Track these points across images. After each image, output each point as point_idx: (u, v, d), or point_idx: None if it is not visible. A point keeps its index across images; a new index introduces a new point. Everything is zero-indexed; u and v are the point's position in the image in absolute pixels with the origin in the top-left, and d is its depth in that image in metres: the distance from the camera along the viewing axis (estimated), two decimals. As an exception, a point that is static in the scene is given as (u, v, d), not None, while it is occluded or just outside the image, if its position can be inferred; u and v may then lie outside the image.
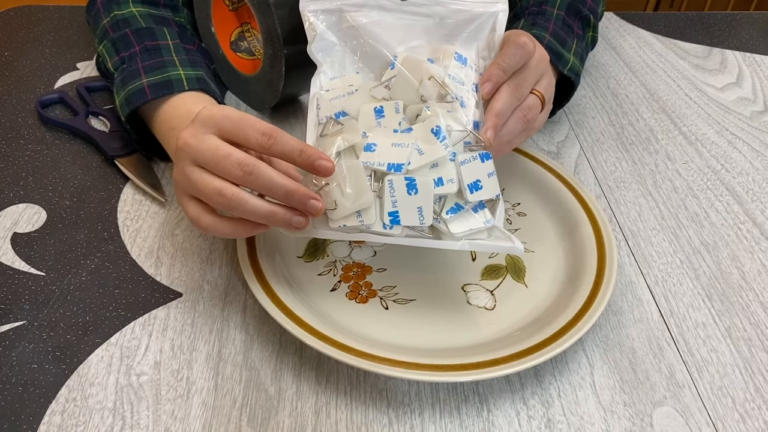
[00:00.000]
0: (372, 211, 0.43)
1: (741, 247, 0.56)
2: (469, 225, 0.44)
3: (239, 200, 0.41)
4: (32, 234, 0.53)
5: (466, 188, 0.43)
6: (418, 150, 0.43)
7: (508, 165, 0.59)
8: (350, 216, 0.43)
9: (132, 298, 0.48)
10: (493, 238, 0.45)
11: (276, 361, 0.45)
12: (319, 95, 0.48)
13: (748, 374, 0.46)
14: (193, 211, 0.43)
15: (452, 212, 0.44)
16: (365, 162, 0.43)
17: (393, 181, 0.42)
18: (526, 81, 0.49)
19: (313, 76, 0.50)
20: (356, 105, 0.47)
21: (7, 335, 0.45)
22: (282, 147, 0.41)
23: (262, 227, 0.44)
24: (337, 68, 0.50)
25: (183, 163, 0.42)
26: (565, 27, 0.64)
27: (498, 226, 0.45)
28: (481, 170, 0.44)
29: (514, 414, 0.43)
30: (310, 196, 0.41)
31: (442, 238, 0.44)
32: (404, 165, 0.43)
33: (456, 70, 0.47)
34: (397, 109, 0.46)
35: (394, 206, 0.42)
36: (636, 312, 0.50)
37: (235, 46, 0.68)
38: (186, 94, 0.54)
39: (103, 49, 0.60)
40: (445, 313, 0.48)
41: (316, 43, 0.49)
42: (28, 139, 0.63)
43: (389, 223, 0.43)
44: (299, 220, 0.42)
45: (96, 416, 0.41)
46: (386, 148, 0.43)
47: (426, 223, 0.43)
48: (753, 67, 0.83)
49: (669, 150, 0.67)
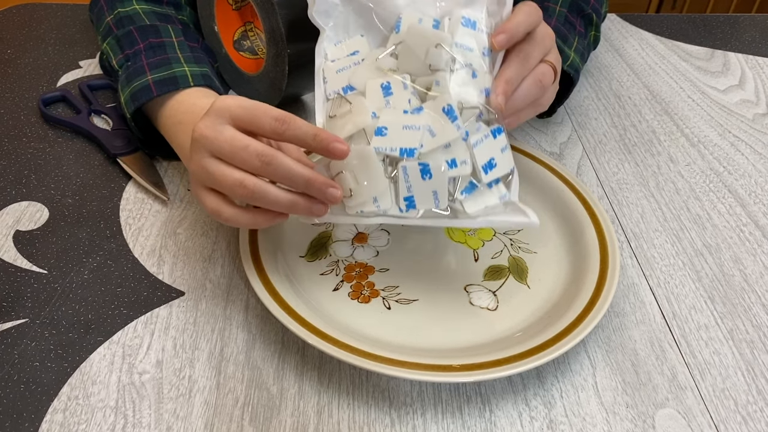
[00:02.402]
0: (388, 197, 0.43)
1: (743, 249, 0.56)
2: (485, 203, 0.44)
3: (262, 191, 0.41)
4: (34, 232, 0.53)
5: (480, 170, 0.43)
6: (430, 131, 0.43)
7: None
8: (367, 202, 0.43)
9: (134, 297, 0.48)
10: (508, 213, 0.45)
11: (278, 360, 0.45)
12: (325, 66, 0.47)
13: (751, 377, 0.46)
14: (212, 203, 0.43)
15: (467, 192, 0.44)
16: (377, 147, 0.42)
17: (407, 167, 0.42)
18: (534, 53, 0.48)
19: (316, 44, 0.48)
20: (363, 78, 0.46)
21: (9, 333, 0.45)
22: (295, 131, 0.41)
23: (282, 216, 0.44)
24: (341, 32, 0.48)
25: (200, 155, 0.42)
26: (567, 24, 0.64)
27: (514, 200, 0.45)
28: (494, 147, 0.44)
29: (516, 415, 0.43)
30: (329, 185, 0.42)
31: (459, 217, 0.44)
32: (416, 149, 0.42)
33: (464, 36, 0.45)
34: (405, 84, 0.45)
35: (409, 191, 0.43)
36: (638, 314, 0.50)
37: (238, 45, 0.68)
38: (191, 90, 0.54)
39: (107, 47, 0.60)
40: (447, 313, 0.48)
41: (317, 5, 0.47)
42: (30, 137, 0.63)
43: (405, 208, 0.43)
44: (319, 207, 0.43)
45: (98, 414, 0.41)
46: (397, 132, 0.43)
47: (441, 206, 0.43)
48: (756, 69, 0.83)
49: (671, 152, 0.67)
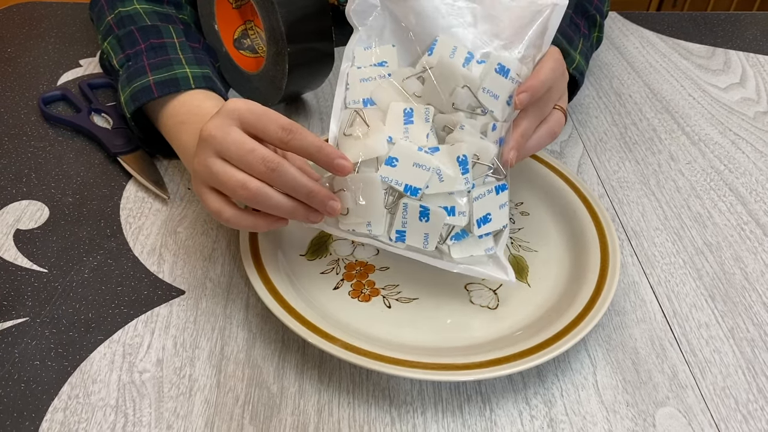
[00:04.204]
0: (381, 225, 0.44)
1: (744, 247, 0.56)
2: (470, 251, 0.46)
3: (264, 195, 0.41)
4: (35, 231, 0.53)
5: (474, 223, 0.45)
6: (439, 176, 0.43)
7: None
8: (360, 224, 0.44)
9: (134, 296, 0.48)
10: (490, 268, 0.46)
11: (278, 359, 0.45)
12: (350, 71, 0.47)
13: (751, 375, 0.46)
14: (214, 203, 0.43)
15: (456, 239, 0.45)
16: (384, 177, 0.43)
17: (408, 205, 0.43)
18: (551, 100, 0.49)
19: (348, 41, 0.47)
20: (386, 97, 0.46)
21: (10, 332, 0.45)
22: (301, 142, 0.41)
23: (282, 221, 0.45)
24: (374, 35, 0.48)
25: (205, 154, 0.42)
26: (572, 25, 0.64)
27: (498, 255, 0.46)
28: (493, 203, 0.45)
29: (516, 413, 0.42)
30: (330, 197, 0.42)
31: (443, 258, 0.46)
32: (421, 190, 0.43)
33: (493, 83, 0.45)
34: (426, 117, 0.45)
35: (403, 226, 0.44)
36: (639, 312, 0.50)
37: (238, 43, 0.68)
38: (193, 91, 0.54)
39: (108, 46, 0.60)
40: (447, 312, 0.48)
41: (356, 4, 0.47)
42: (30, 136, 0.63)
43: (394, 239, 0.45)
44: (315, 216, 0.44)
45: (98, 413, 0.41)
46: (407, 167, 0.43)
47: (429, 248, 0.45)
48: (756, 67, 0.83)
49: (672, 150, 0.67)
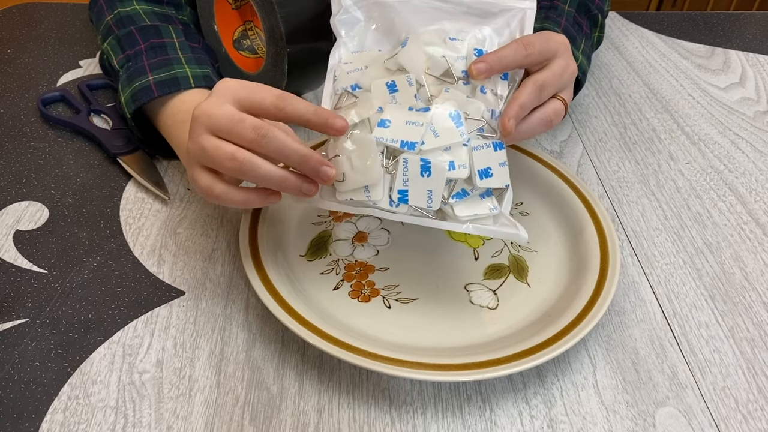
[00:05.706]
0: (379, 188, 0.43)
1: (744, 247, 0.56)
2: (475, 210, 0.44)
3: (252, 164, 0.41)
4: (35, 231, 0.53)
5: (476, 173, 0.43)
6: (434, 131, 0.43)
7: (511, 164, 0.58)
8: (358, 190, 0.43)
9: (134, 296, 0.48)
10: (498, 225, 0.45)
11: (278, 359, 0.45)
12: (337, 67, 0.48)
13: (751, 375, 0.46)
14: (204, 181, 0.43)
15: (458, 197, 0.44)
16: (378, 138, 0.43)
17: (408, 160, 0.42)
18: (551, 86, 0.48)
19: (332, 49, 0.49)
20: (371, 78, 0.46)
21: (10, 333, 0.45)
22: (296, 107, 0.41)
23: (274, 196, 0.44)
24: (357, 44, 0.49)
25: (197, 132, 0.42)
26: (575, 24, 0.64)
27: (504, 213, 0.45)
28: (492, 158, 0.44)
29: (516, 414, 0.42)
30: (323, 163, 0.42)
31: (447, 219, 0.44)
32: (417, 144, 0.42)
33: (471, 58, 0.46)
34: (409, 82, 0.45)
35: (404, 185, 0.43)
36: (639, 312, 0.50)
37: (237, 44, 0.68)
38: (193, 91, 0.54)
39: (108, 47, 0.60)
40: (447, 312, 0.48)
41: (341, 15, 0.48)
42: (30, 137, 0.63)
43: (397, 201, 0.43)
44: (309, 187, 0.43)
45: (98, 414, 0.41)
46: (400, 125, 0.43)
47: (434, 207, 0.43)
48: (756, 67, 0.83)
49: (672, 150, 0.67)
